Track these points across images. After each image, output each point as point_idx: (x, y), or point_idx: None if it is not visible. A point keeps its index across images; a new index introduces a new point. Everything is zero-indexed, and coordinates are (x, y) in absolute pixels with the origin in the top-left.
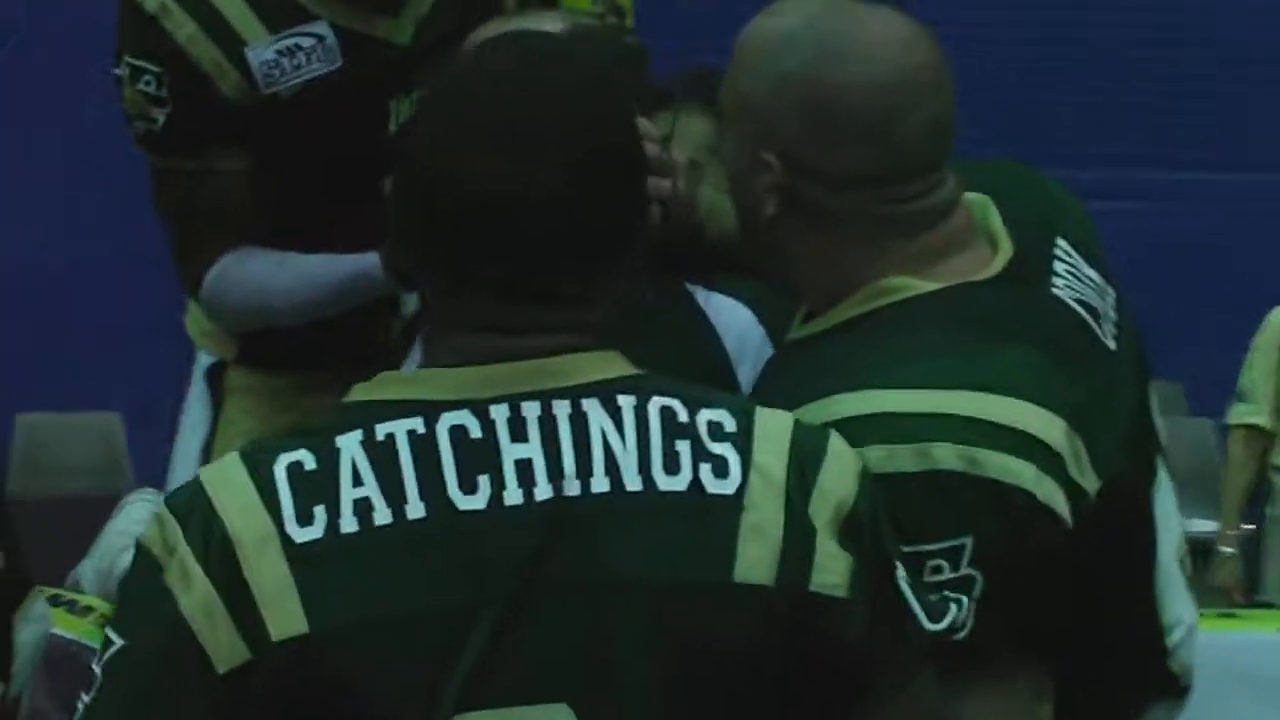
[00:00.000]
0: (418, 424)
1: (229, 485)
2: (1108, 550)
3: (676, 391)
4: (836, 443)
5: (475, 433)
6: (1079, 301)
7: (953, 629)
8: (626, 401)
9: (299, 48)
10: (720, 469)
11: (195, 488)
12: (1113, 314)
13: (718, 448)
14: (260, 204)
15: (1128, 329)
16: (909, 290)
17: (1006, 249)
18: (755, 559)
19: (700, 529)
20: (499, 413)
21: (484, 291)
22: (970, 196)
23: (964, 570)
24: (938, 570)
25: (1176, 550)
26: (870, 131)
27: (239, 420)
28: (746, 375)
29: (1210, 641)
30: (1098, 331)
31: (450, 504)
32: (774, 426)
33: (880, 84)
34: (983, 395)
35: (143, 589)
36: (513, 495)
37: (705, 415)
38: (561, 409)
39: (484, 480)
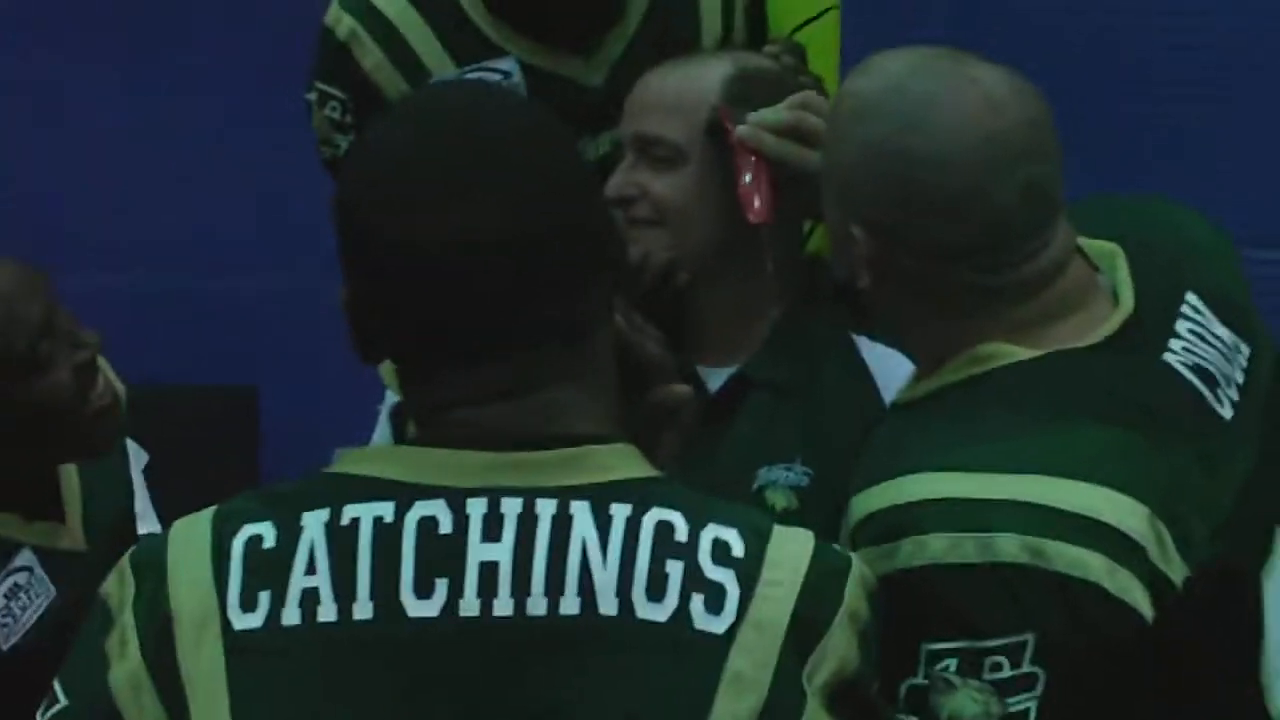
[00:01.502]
0: (387, 510)
1: (189, 549)
2: (1202, 640)
3: (683, 503)
4: (854, 587)
5: (445, 527)
6: (1195, 368)
7: None
8: (620, 510)
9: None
10: (713, 601)
11: (161, 541)
12: (1239, 375)
13: (717, 574)
14: None
15: (1258, 387)
16: (1001, 359)
17: (1125, 309)
18: (730, 714)
19: (676, 670)
20: (475, 507)
21: (450, 356)
22: (1096, 246)
23: (1026, 668)
24: (997, 668)
25: None
26: (955, 205)
27: None
28: None
29: None
30: (1211, 402)
31: (400, 608)
32: (789, 554)
33: (964, 154)
34: (1055, 480)
35: (87, 647)
36: (469, 605)
37: (711, 533)
38: (546, 509)
39: (441, 584)
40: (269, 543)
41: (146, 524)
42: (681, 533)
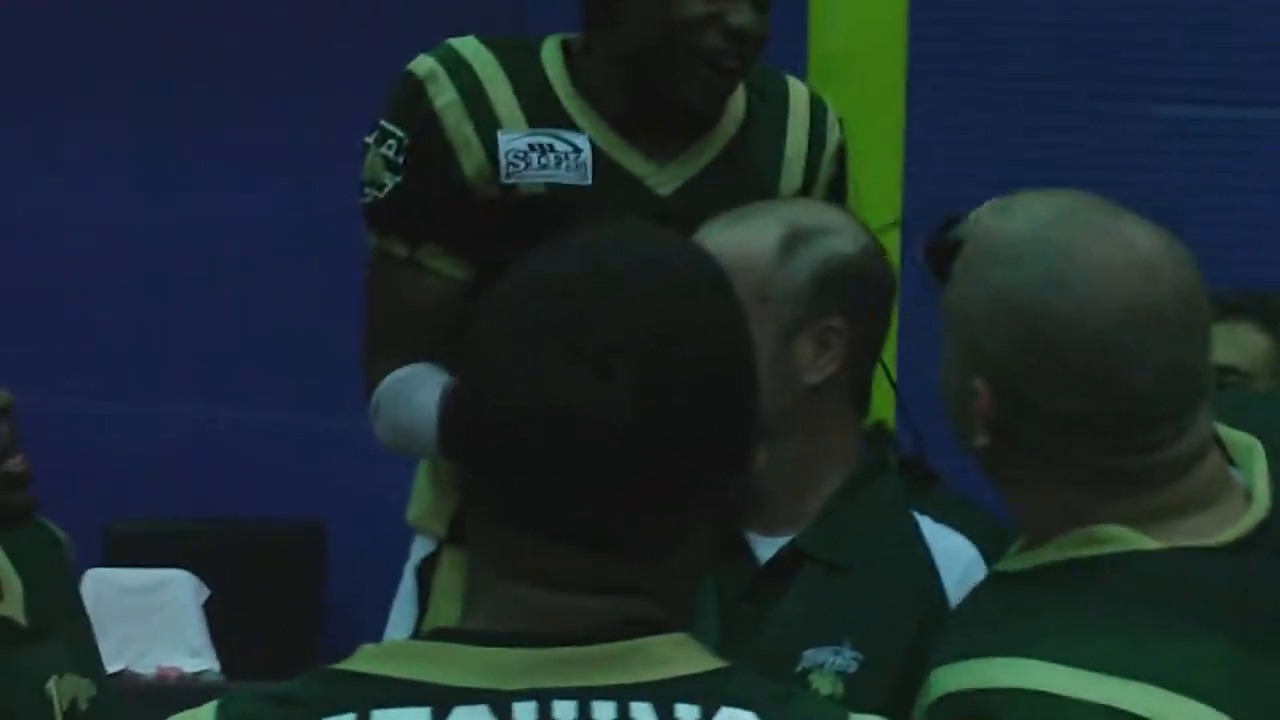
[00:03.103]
0: (423, 717)
1: None
2: None
3: (755, 700)
4: None
5: None
6: None
7: None
8: (689, 714)
9: (552, 149)
10: None
11: None
12: None
13: None
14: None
15: None
16: (1119, 544)
17: (1259, 509)
18: None
19: None
20: (524, 713)
21: (526, 530)
22: (1234, 438)
23: None
24: None
25: None
26: (1091, 376)
27: (445, 610)
28: None
29: None
30: None
31: None
32: None
33: (1109, 320)
34: (1155, 690)
35: None
36: None
37: None
38: (604, 713)
39: None
40: None
41: (202, 661)
42: None
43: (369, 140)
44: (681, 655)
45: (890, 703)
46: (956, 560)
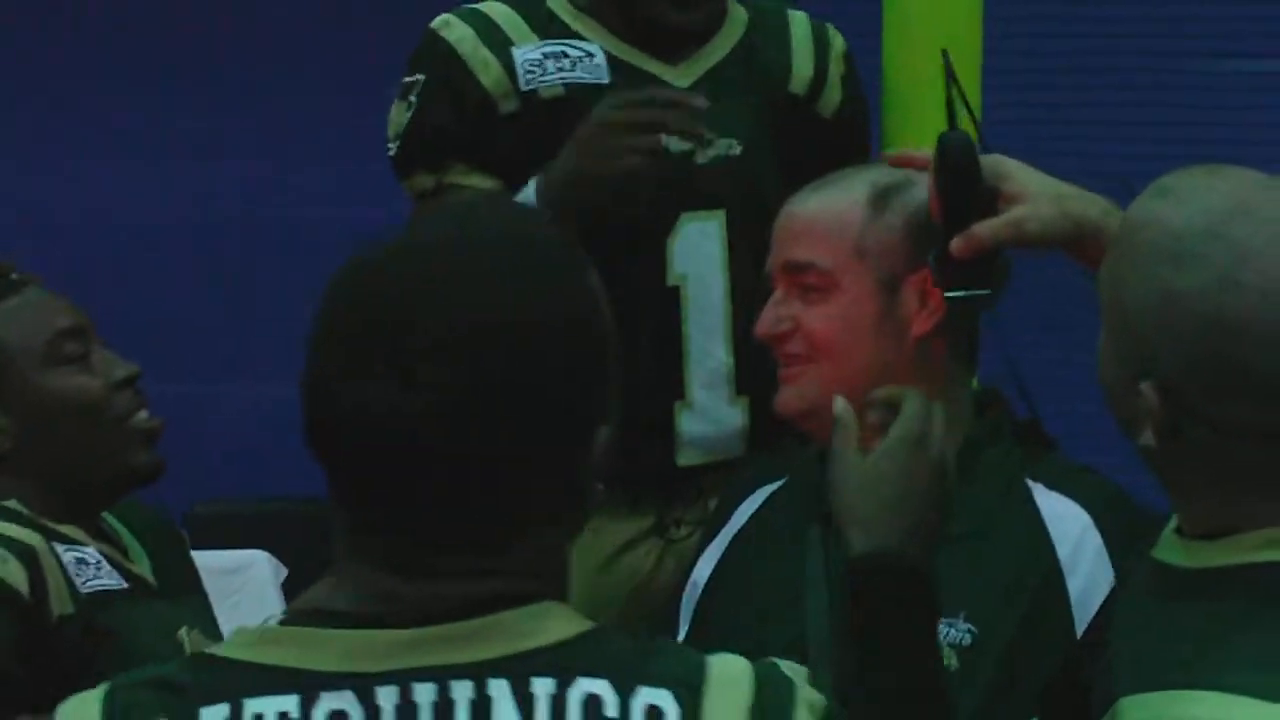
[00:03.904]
0: (291, 705)
1: None
2: None
3: (609, 665)
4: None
5: None
6: None
7: None
8: (543, 688)
9: (565, 54)
10: None
11: None
12: None
13: None
14: None
15: None
16: None
17: None
18: None
19: None
20: (386, 698)
21: (377, 521)
22: None
23: None
24: None
25: None
26: (1267, 381)
27: None
28: (1077, 587)
29: None
30: None
31: None
32: (726, 707)
33: None
34: None
35: None
36: None
37: (642, 699)
38: (462, 693)
39: None
40: None
41: None
42: (611, 706)
43: (395, 101)
44: (540, 626)
45: (998, 674)
46: (1070, 529)
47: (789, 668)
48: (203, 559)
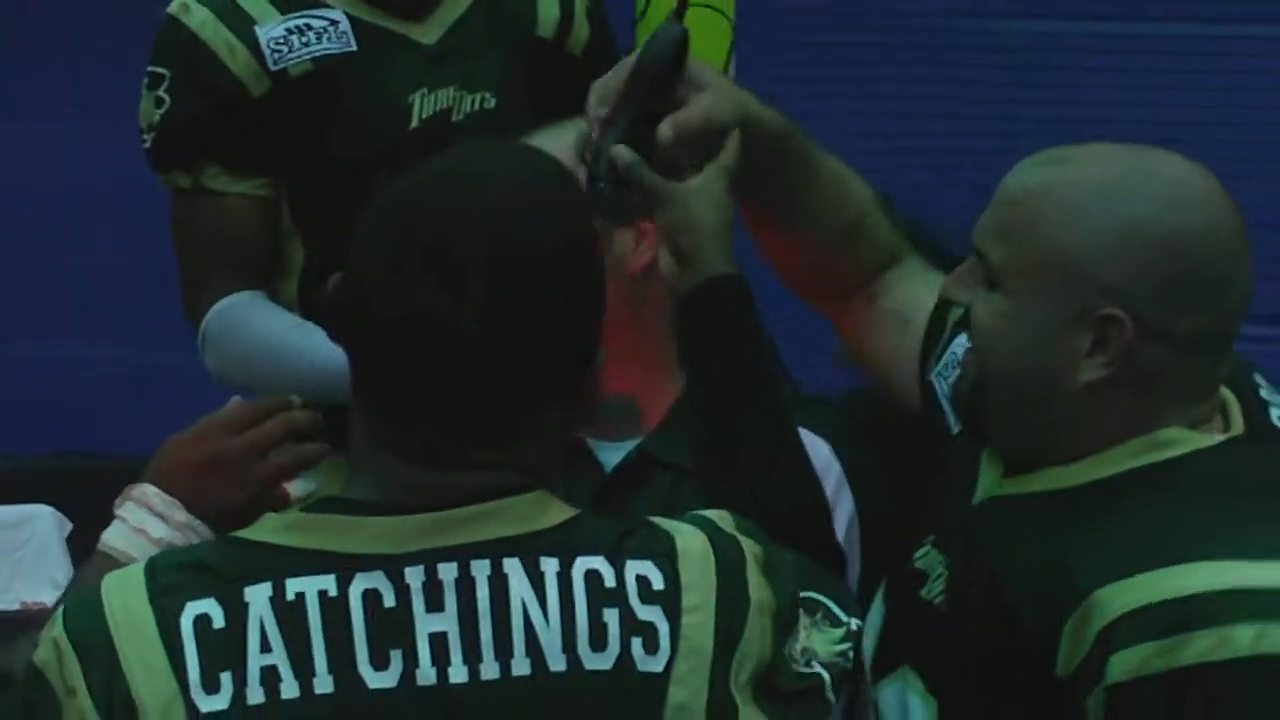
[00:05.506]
0: (330, 584)
1: (136, 634)
2: None
3: (602, 543)
4: (754, 575)
5: (389, 600)
6: None
7: None
8: (550, 566)
9: (309, 27)
10: (650, 642)
11: (98, 620)
12: None
13: (647, 613)
14: (304, 231)
15: None
16: (1186, 445)
17: (1233, 401)
18: None
19: (625, 714)
20: (414, 577)
21: (405, 417)
22: None
23: None
24: None
25: None
26: (1217, 288)
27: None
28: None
29: None
30: None
31: (360, 681)
32: (698, 570)
33: (1224, 234)
34: None
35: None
36: (426, 674)
37: (632, 571)
38: (481, 571)
39: (396, 655)
40: (218, 622)
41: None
42: (609, 578)
43: (143, 90)
44: (541, 512)
45: None
46: (812, 458)
47: (720, 518)
48: None
